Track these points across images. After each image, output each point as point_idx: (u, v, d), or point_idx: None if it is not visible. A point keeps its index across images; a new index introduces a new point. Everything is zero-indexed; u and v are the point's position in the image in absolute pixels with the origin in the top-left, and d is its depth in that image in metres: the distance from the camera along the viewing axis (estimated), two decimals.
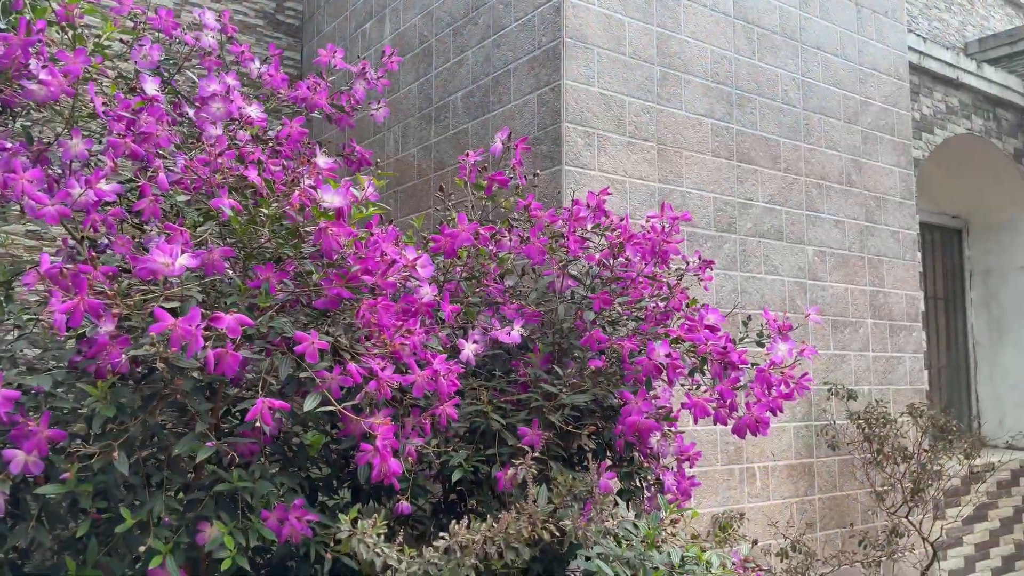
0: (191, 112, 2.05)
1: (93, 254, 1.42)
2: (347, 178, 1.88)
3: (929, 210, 5.54)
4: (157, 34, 2.10)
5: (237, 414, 1.84)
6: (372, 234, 1.69)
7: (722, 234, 3.30)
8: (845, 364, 3.69)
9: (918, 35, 4.74)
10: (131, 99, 1.76)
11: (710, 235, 3.26)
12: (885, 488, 3.52)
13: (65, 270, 1.35)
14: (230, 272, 1.63)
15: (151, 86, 1.79)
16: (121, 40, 1.98)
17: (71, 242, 1.83)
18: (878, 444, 3.35)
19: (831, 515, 3.48)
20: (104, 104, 1.71)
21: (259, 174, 1.70)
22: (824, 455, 3.48)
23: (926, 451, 3.44)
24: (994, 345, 5.57)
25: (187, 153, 1.77)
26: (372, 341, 1.63)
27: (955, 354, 5.64)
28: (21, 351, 1.61)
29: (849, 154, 3.85)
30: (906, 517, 3.50)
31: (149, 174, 1.64)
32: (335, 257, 1.62)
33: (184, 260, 1.37)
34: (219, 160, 1.70)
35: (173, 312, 1.35)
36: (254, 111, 2.04)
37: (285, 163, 1.82)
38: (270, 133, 2.04)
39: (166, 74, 2.11)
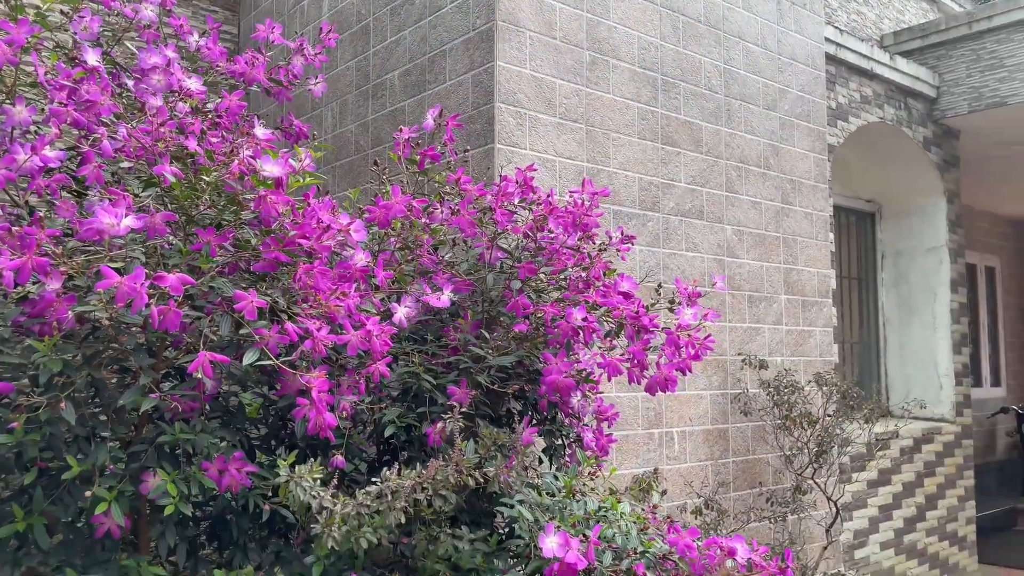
0: (131, 84, 2.11)
1: (40, 215, 1.50)
2: (285, 150, 1.98)
3: (844, 194, 5.86)
4: (96, 6, 2.15)
5: (178, 376, 1.94)
6: (308, 203, 1.81)
7: (646, 212, 3.49)
8: (760, 336, 3.94)
9: (836, 27, 5.01)
10: (71, 69, 1.82)
11: (635, 213, 3.44)
12: (793, 451, 3.78)
13: (14, 230, 1.42)
14: (171, 237, 1.71)
15: (92, 56, 1.85)
16: (61, 12, 2.02)
17: (10, 208, 1.89)
18: (786, 410, 3.61)
19: (743, 476, 3.73)
20: (46, 73, 1.76)
21: (199, 144, 1.79)
22: (738, 421, 3.72)
23: (829, 416, 3.71)
24: (903, 323, 5.94)
25: (128, 123, 1.85)
26: (308, 303, 1.74)
27: (867, 330, 6.00)
28: None
29: (767, 139, 4.08)
30: (811, 478, 3.78)
31: (91, 141, 1.72)
32: (273, 224, 1.72)
33: (129, 221, 1.46)
34: (161, 129, 1.78)
35: (119, 272, 1.44)
36: (194, 84, 2.11)
37: (224, 134, 1.90)
38: (209, 106, 2.11)
39: (105, 46, 2.16)
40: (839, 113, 4.89)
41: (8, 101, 1.75)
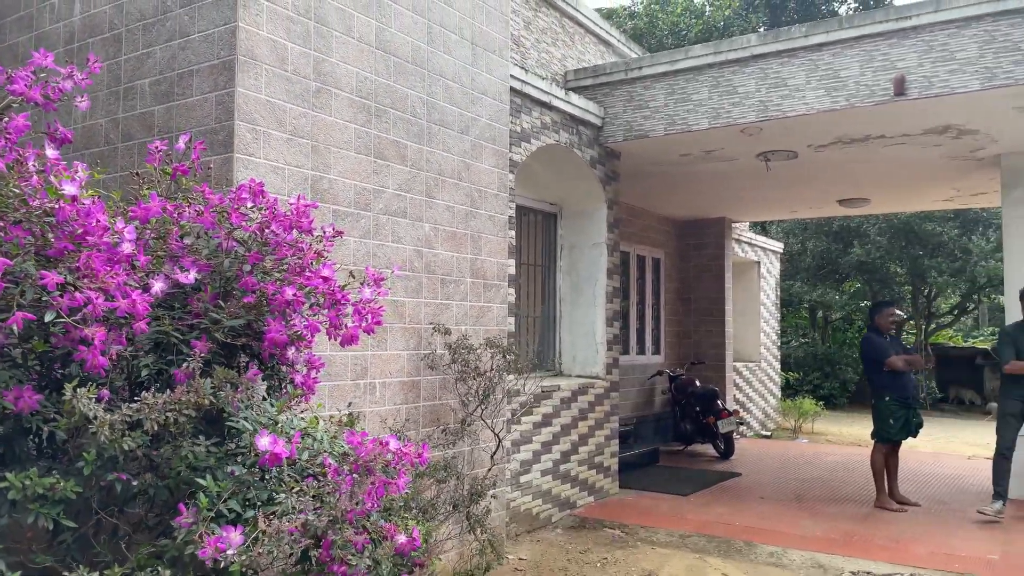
0: None
1: None
2: (66, 165, 2.65)
3: (533, 198, 7.27)
4: None
5: None
6: (88, 208, 2.53)
7: (360, 212, 4.45)
8: (449, 310, 5.08)
9: (522, 67, 6.30)
10: None
11: (351, 212, 4.38)
12: (467, 398, 4.99)
13: None
14: None
15: None
16: None
17: None
18: (462, 366, 4.78)
19: (431, 417, 4.86)
20: None
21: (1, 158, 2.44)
22: (428, 375, 4.84)
23: (493, 371, 4.95)
24: (573, 302, 7.50)
25: None
26: (88, 280, 2.48)
27: (547, 308, 7.50)
28: None
29: (460, 157, 5.22)
30: (481, 417, 5.01)
31: None
32: (65, 224, 2.43)
33: None
34: None
35: None
36: None
37: (19, 152, 2.54)
38: None
39: None
40: (523, 136, 6.19)
41: None
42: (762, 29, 19.90)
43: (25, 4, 4.83)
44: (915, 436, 7.03)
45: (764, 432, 12.39)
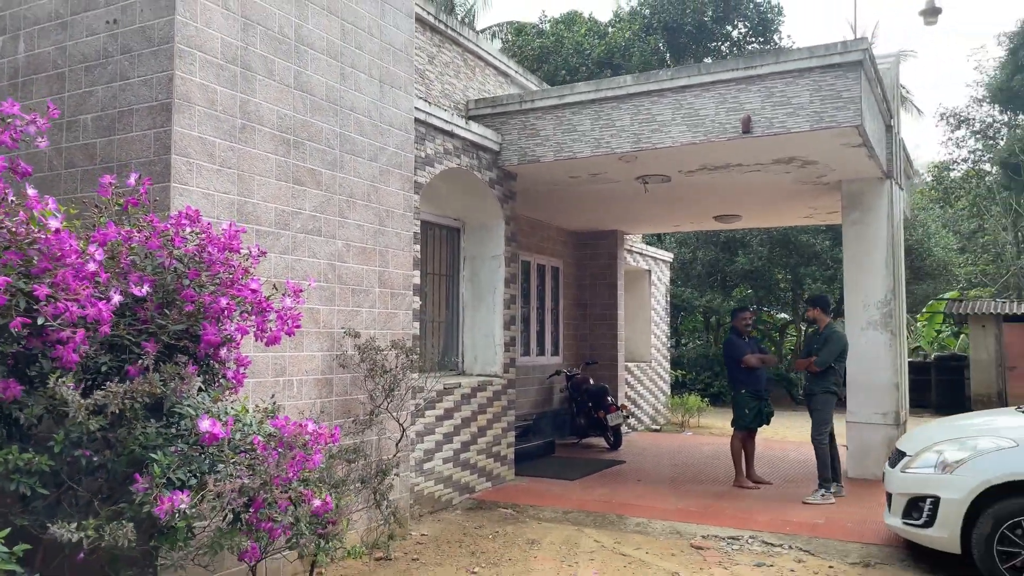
0: None
1: None
2: (38, 199, 3.26)
3: (439, 214, 8.04)
4: None
5: None
6: (61, 236, 3.16)
7: (280, 231, 5.12)
8: (359, 316, 5.79)
9: (426, 99, 7.07)
10: None
11: (273, 232, 5.05)
12: (375, 393, 5.71)
13: None
14: None
15: None
16: None
17: None
18: (370, 365, 5.51)
19: (343, 409, 5.56)
20: None
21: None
22: (340, 373, 5.54)
23: (396, 369, 5.69)
24: (475, 307, 8.30)
25: None
26: (64, 292, 3.11)
27: (451, 313, 8.27)
28: None
29: (370, 181, 5.94)
30: (387, 410, 5.75)
31: None
32: (47, 249, 3.06)
33: None
34: None
35: None
36: None
37: (2, 189, 3.14)
38: None
39: None
40: (428, 160, 6.96)
41: None
42: (662, 46, 21.23)
43: None
44: (767, 424, 8.15)
45: (654, 426, 13.50)
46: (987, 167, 28.59)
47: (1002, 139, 27.86)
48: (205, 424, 3.36)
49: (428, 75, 7.67)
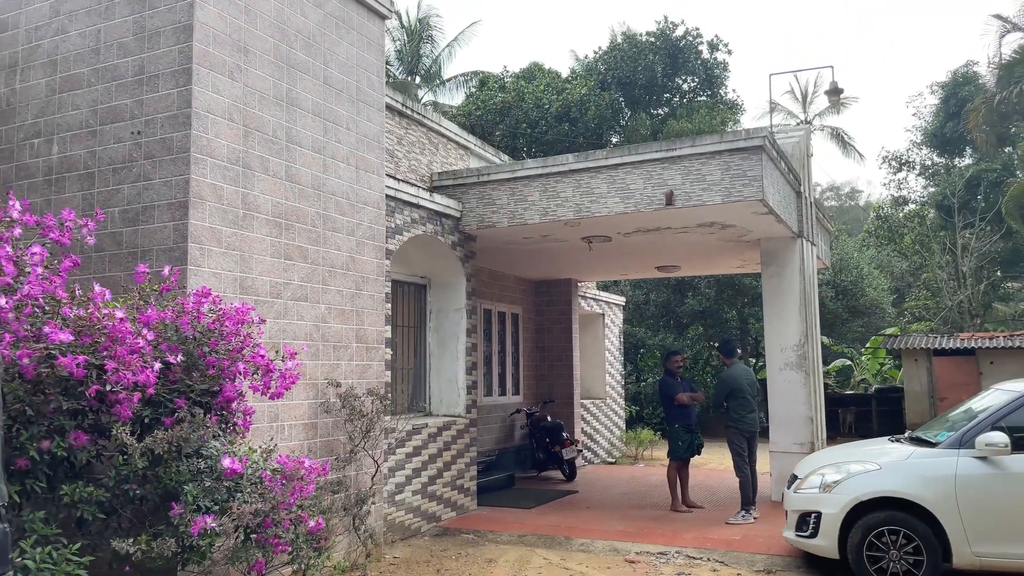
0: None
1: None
2: (100, 293, 4.26)
3: (408, 274, 9.10)
4: None
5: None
6: (118, 320, 4.16)
7: (274, 300, 6.14)
8: (339, 368, 6.80)
9: (395, 176, 8.17)
10: None
11: (267, 300, 6.07)
12: (354, 433, 6.70)
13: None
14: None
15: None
16: None
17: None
18: (350, 410, 6.51)
19: (326, 449, 6.54)
20: None
21: (66, 291, 4.06)
22: (324, 418, 6.52)
23: (371, 413, 6.69)
24: (440, 356, 9.33)
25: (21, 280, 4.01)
26: (121, 364, 4.09)
27: (419, 361, 9.29)
28: None
29: (348, 253, 6.99)
30: (364, 448, 6.73)
31: (17, 289, 3.88)
32: (108, 326, 4.05)
33: (63, 335, 3.73)
34: (41, 283, 4.02)
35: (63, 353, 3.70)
36: (37, 253, 4.29)
37: (75, 288, 4.13)
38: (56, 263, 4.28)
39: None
40: (397, 230, 8.03)
41: None
42: (620, 99, 22.64)
43: (7, 139, 6.29)
44: (699, 454, 9.25)
45: (610, 459, 14.54)
46: (927, 207, 30.46)
47: (940, 182, 29.71)
48: (227, 462, 4.36)
49: (397, 154, 8.79)
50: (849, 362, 26.15)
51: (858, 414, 21.03)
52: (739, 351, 9.16)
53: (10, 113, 6.32)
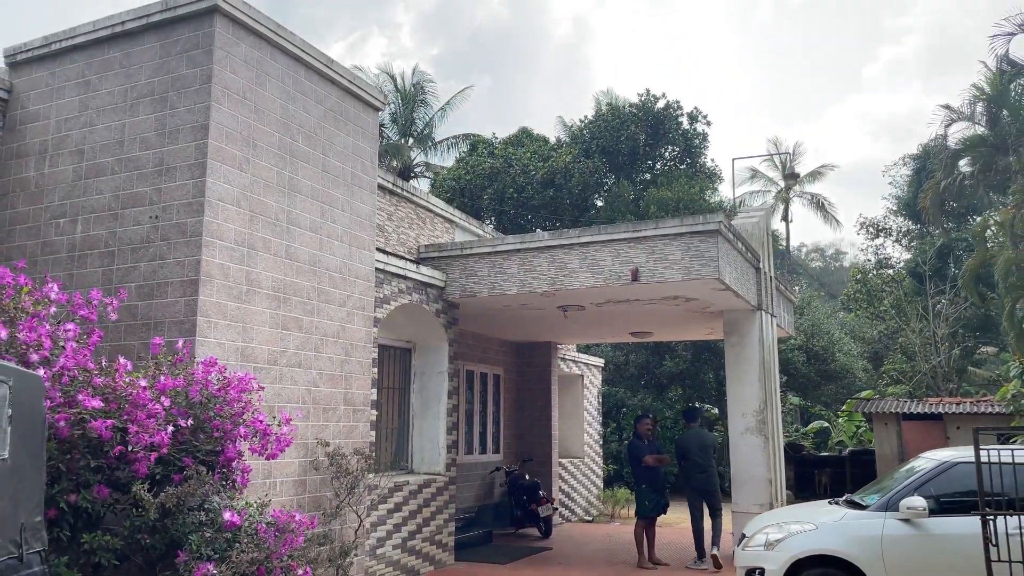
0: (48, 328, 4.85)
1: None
2: (123, 364, 4.91)
3: (394, 338, 9.76)
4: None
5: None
6: (140, 390, 4.80)
7: (271, 366, 6.79)
8: (328, 429, 7.41)
9: (384, 250, 8.90)
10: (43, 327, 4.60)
11: (265, 367, 6.71)
12: (339, 491, 7.28)
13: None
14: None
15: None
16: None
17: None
18: (336, 468, 7.11)
19: (314, 504, 7.11)
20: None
21: (94, 362, 4.72)
22: (312, 475, 7.11)
23: (356, 470, 7.28)
24: (423, 416, 9.94)
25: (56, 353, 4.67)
26: (140, 428, 4.72)
27: (403, 420, 9.90)
28: None
29: (339, 322, 7.67)
30: (348, 504, 7.31)
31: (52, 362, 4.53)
32: (131, 394, 4.70)
33: (95, 403, 4.38)
34: (77, 357, 4.68)
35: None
36: (70, 329, 4.96)
37: (101, 361, 4.78)
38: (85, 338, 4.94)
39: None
40: (385, 299, 8.73)
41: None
42: (603, 164, 23.65)
43: (34, 218, 7.00)
44: (664, 513, 9.83)
45: (587, 517, 15.01)
46: (900, 273, 31.45)
47: (914, 249, 30.75)
48: (227, 515, 4.97)
49: (387, 228, 9.54)
50: (827, 424, 26.74)
51: (833, 475, 21.53)
52: (700, 418, 9.86)
53: (38, 194, 7.04)
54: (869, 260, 33.60)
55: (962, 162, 20.24)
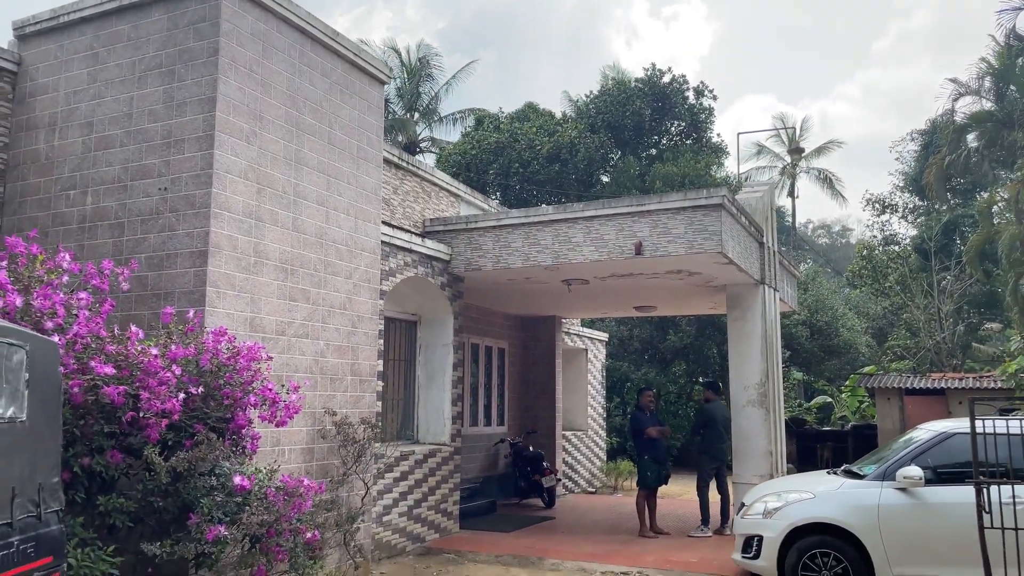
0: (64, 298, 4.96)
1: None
2: (135, 332, 5.02)
3: (400, 311, 9.87)
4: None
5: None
6: (151, 355, 4.92)
7: (279, 336, 6.90)
8: (335, 399, 7.54)
9: (390, 223, 8.98)
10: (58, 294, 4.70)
11: (273, 337, 6.82)
12: (347, 458, 7.43)
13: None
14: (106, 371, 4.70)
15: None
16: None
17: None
18: (343, 437, 7.24)
19: (321, 472, 7.26)
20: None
21: (106, 330, 4.83)
22: (320, 443, 7.25)
23: (363, 439, 7.42)
24: (428, 387, 10.07)
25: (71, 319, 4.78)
26: (152, 394, 4.84)
27: (408, 392, 10.03)
28: None
29: (346, 294, 7.77)
30: (355, 472, 7.46)
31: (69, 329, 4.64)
32: (143, 362, 4.81)
33: (108, 369, 4.49)
34: (87, 324, 4.79)
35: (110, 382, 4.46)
36: (83, 298, 5.06)
37: (114, 329, 4.88)
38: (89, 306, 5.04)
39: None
40: (391, 272, 8.82)
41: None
42: (609, 139, 23.58)
43: (44, 189, 7.09)
44: (666, 484, 9.98)
45: (590, 488, 15.21)
46: (907, 249, 31.39)
47: (920, 225, 30.65)
48: (237, 479, 5.11)
49: (392, 202, 9.61)
50: (830, 399, 26.89)
51: (835, 450, 21.67)
52: (721, 391, 10.06)
53: (49, 166, 7.13)
54: (875, 236, 33.53)
55: (969, 137, 20.15)
